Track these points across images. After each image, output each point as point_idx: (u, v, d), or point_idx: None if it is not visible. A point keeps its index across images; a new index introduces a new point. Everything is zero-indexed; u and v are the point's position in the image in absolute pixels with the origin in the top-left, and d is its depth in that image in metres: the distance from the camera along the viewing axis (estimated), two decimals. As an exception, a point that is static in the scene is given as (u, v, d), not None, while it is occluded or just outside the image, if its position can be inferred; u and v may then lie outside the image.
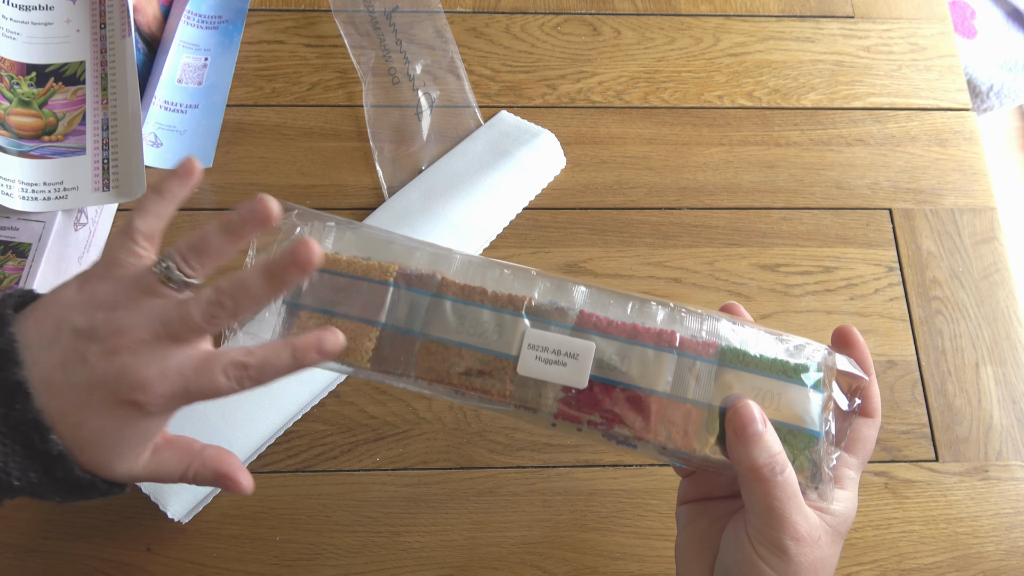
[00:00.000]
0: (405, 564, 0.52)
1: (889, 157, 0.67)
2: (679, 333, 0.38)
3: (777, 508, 0.36)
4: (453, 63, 0.69)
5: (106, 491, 0.37)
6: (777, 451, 0.36)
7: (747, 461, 0.36)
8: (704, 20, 0.73)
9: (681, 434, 0.37)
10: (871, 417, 0.40)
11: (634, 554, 0.53)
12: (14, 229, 0.56)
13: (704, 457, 0.37)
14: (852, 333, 0.40)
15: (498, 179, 0.62)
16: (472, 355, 0.37)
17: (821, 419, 0.37)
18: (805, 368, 0.38)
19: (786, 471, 0.36)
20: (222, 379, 0.34)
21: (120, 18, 0.61)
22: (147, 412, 0.34)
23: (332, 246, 0.40)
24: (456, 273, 0.39)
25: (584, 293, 0.39)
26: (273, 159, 0.65)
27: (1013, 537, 0.54)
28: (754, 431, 0.36)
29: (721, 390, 0.37)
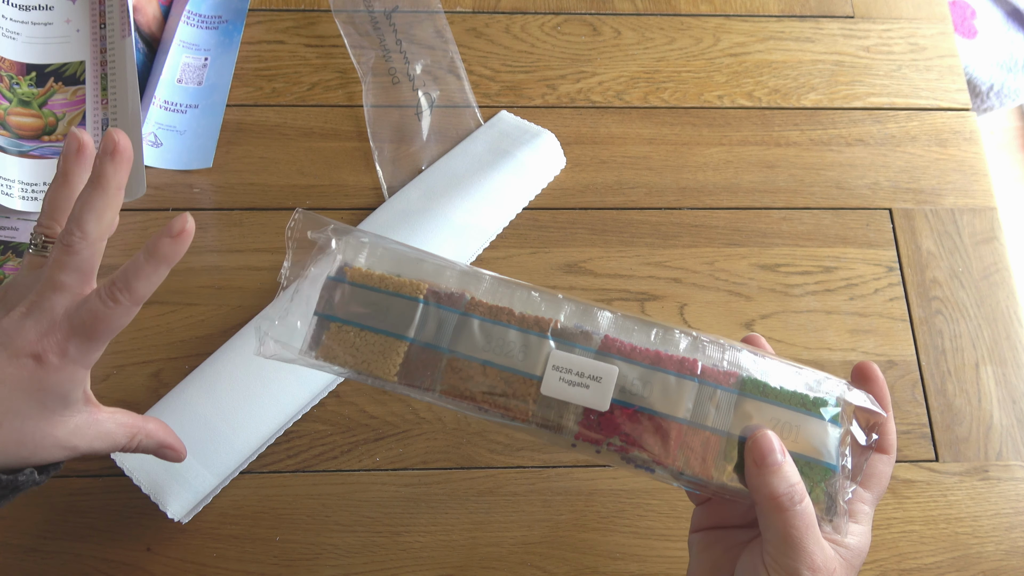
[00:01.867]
0: (405, 564, 0.52)
1: (889, 157, 0.67)
2: (701, 362, 0.38)
3: (794, 537, 0.36)
4: (453, 63, 0.69)
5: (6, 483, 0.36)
6: (796, 481, 0.37)
7: (766, 490, 0.36)
8: (704, 20, 0.73)
9: (699, 461, 0.37)
10: (887, 453, 0.41)
11: (634, 554, 0.53)
12: (14, 229, 0.56)
13: (721, 484, 0.38)
14: (872, 369, 0.41)
15: (498, 179, 0.62)
16: (497, 374, 0.38)
17: (838, 453, 0.38)
18: (824, 402, 0.38)
19: (804, 501, 0.36)
20: (96, 303, 0.35)
21: (120, 18, 0.61)
22: (48, 364, 0.35)
23: (365, 261, 0.41)
24: (485, 293, 0.40)
25: (609, 318, 0.39)
26: (273, 159, 0.65)
27: (1013, 537, 0.54)
28: (774, 461, 0.36)
29: (741, 419, 0.38)
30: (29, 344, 0.35)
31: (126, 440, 0.40)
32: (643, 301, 0.60)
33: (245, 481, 0.53)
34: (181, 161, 0.64)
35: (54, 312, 0.35)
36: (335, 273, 0.40)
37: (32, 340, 0.35)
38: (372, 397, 0.56)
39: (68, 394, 0.36)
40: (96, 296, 0.36)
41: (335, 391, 0.56)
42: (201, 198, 0.63)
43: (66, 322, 0.35)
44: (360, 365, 0.39)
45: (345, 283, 0.40)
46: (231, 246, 0.61)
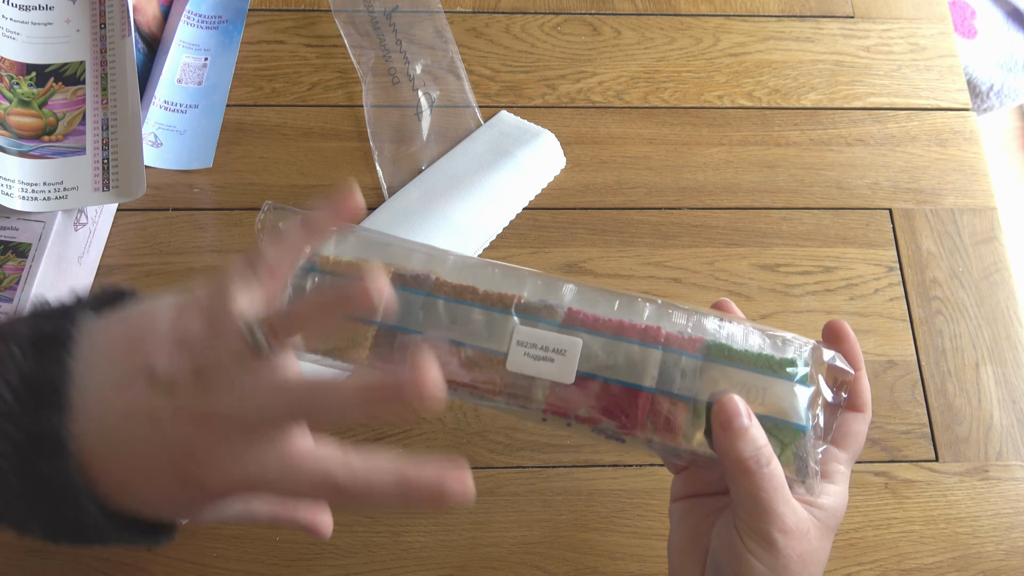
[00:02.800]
0: (405, 564, 0.52)
1: (889, 157, 0.67)
2: (665, 329, 0.38)
3: (764, 500, 0.36)
4: (453, 63, 0.69)
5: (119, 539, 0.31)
6: (762, 444, 0.36)
7: (733, 454, 0.36)
8: (704, 20, 0.72)
9: (667, 428, 0.37)
10: (861, 412, 0.41)
11: (634, 554, 0.53)
12: (14, 229, 0.56)
13: (691, 451, 0.38)
14: (842, 327, 0.41)
15: (498, 179, 0.62)
16: (464, 351, 0.38)
17: (808, 413, 0.38)
18: (791, 362, 0.38)
19: (772, 464, 0.36)
20: (306, 490, 0.29)
21: (120, 18, 0.61)
22: (207, 494, 0.30)
23: (334, 249, 0.41)
24: (449, 273, 0.40)
25: (573, 291, 0.39)
26: (273, 159, 0.65)
27: (1013, 537, 0.54)
28: (739, 425, 0.36)
29: (707, 385, 0.38)
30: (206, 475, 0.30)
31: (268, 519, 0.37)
32: (643, 301, 0.60)
33: (245, 481, 0.53)
34: (181, 161, 0.64)
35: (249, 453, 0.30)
36: (305, 263, 0.40)
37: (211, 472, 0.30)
38: (372, 397, 0.56)
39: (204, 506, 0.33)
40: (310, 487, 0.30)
41: (335, 391, 0.56)
42: (201, 198, 0.63)
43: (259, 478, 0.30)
44: (331, 352, 0.39)
45: (315, 271, 0.40)
46: (231, 246, 0.61)
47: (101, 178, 0.58)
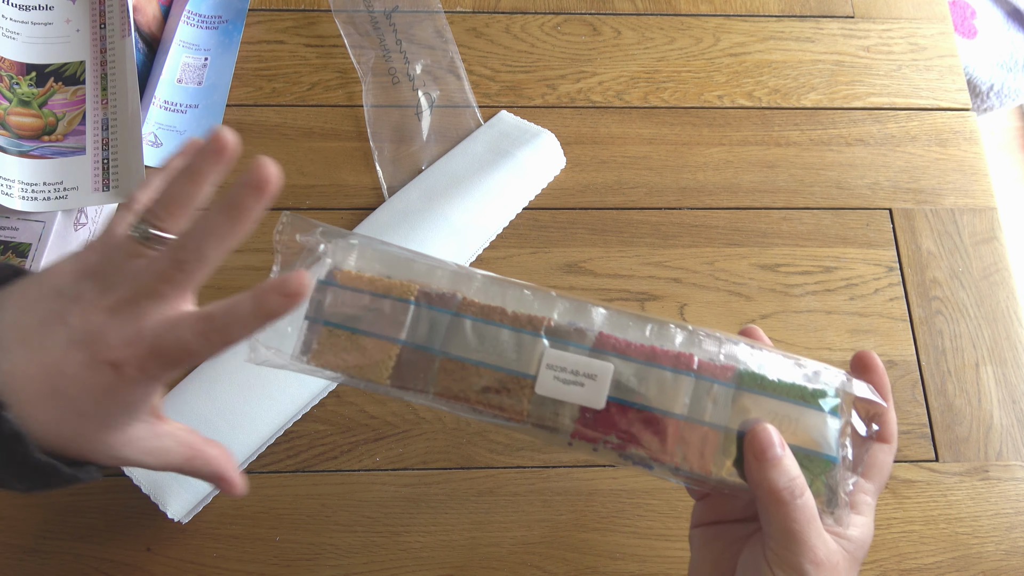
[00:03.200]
0: (405, 564, 0.52)
1: (889, 157, 0.67)
2: (697, 356, 0.38)
3: (796, 531, 0.36)
4: (453, 63, 0.69)
5: (69, 477, 0.35)
6: (796, 475, 0.36)
7: (766, 484, 0.36)
8: (704, 20, 0.73)
9: (697, 456, 0.37)
10: (887, 443, 0.41)
11: (634, 554, 0.53)
12: (14, 229, 0.56)
13: (720, 480, 0.37)
14: (872, 358, 0.41)
15: (498, 179, 0.62)
16: (491, 374, 0.38)
17: (838, 444, 0.38)
18: (823, 393, 0.38)
19: (805, 495, 0.36)
20: (188, 334, 0.33)
21: (120, 18, 0.61)
22: (125, 377, 0.33)
23: (355, 263, 0.40)
24: (476, 292, 0.39)
25: (603, 315, 0.39)
26: (273, 159, 0.65)
27: (1013, 537, 0.54)
28: (773, 455, 0.36)
29: (739, 413, 0.37)
30: (111, 350, 0.33)
31: (181, 460, 0.37)
32: (643, 301, 0.60)
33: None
34: (181, 161, 0.64)
35: (143, 321, 0.33)
36: (324, 276, 0.39)
37: (115, 346, 0.33)
38: (372, 397, 0.56)
39: (137, 407, 0.35)
40: (189, 328, 0.33)
41: (335, 391, 0.56)
42: (201, 198, 0.63)
43: (153, 339, 0.33)
44: (352, 369, 0.38)
45: (335, 286, 0.39)
46: (231, 246, 0.61)
47: (101, 178, 0.58)
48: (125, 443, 0.35)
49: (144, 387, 0.34)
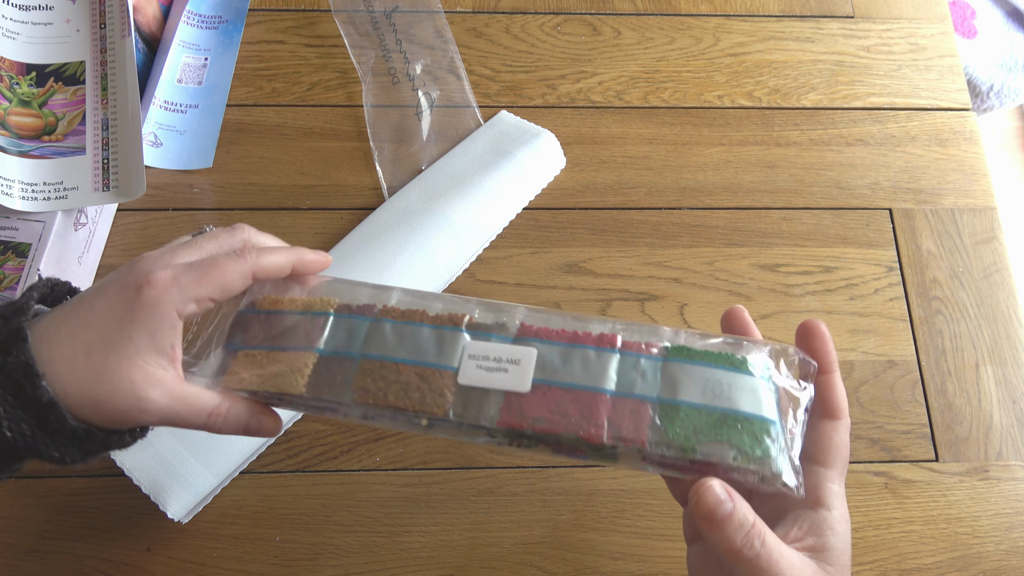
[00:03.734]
0: (405, 564, 0.52)
1: (889, 157, 0.67)
2: (621, 336, 0.37)
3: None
4: (453, 63, 0.69)
5: (103, 440, 0.35)
6: (751, 521, 0.34)
7: (724, 545, 0.34)
8: (704, 20, 0.73)
9: (632, 431, 0.35)
10: (837, 419, 0.39)
11: (634, 554, 0.53)
12: (14, 229, 0.56)
13: (660, 456, 0.36)
14: (816, 324, 0.39)
15: (498, 179, 0.62)
16: (411, 370, 0.37)
17: (777, 407, 0.36)
18: (750, 361, 0.36)
19: (766, 540, 0.34)
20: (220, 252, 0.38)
21: (120, 18, 0.61)
22: (151, 287, 0.35)
23: (270, 290, 0.41)
24: (398, 302, 0.39)
25: (524, 311, 0.39)
26: (273, 159, 0.65)
27: (1013, 537, 0.54)
28: (723, 513, 0.34)
29: (668, 384, 0.36)
30: (140, 276, 0.35)
31: (212, 406, 0.37)
32: (643, 301, 0.60)
33: (245, 481, 0.53)
34: (181, 161, 0.64)
35: (179, 258, 0.37)
36: (244, 307, 0.40)
37: (144, 272, 0.35)
38: (372, 397, 0.56)
39: (156, 331, 0.35)
40: (220, 247, 0.38)
41: (335, 391, 0.56)
42: (201, 198, 0.63)
43: (184, 263, 0.36)
44: (265, 384, 0.37)
45: (255, 313, 0.39)
46: (231, 246, 0.61)
47: (101, 178, 0.58)
48: (151, 382, 0.35)
49: (167, 301, 0.35)
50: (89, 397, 0.34)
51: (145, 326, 0.35)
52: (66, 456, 0.35)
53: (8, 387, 0.33)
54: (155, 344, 0.35)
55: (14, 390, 0.33)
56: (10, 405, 0.33)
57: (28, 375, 0.33)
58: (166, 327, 0.35)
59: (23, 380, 0.33)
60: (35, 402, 0.33)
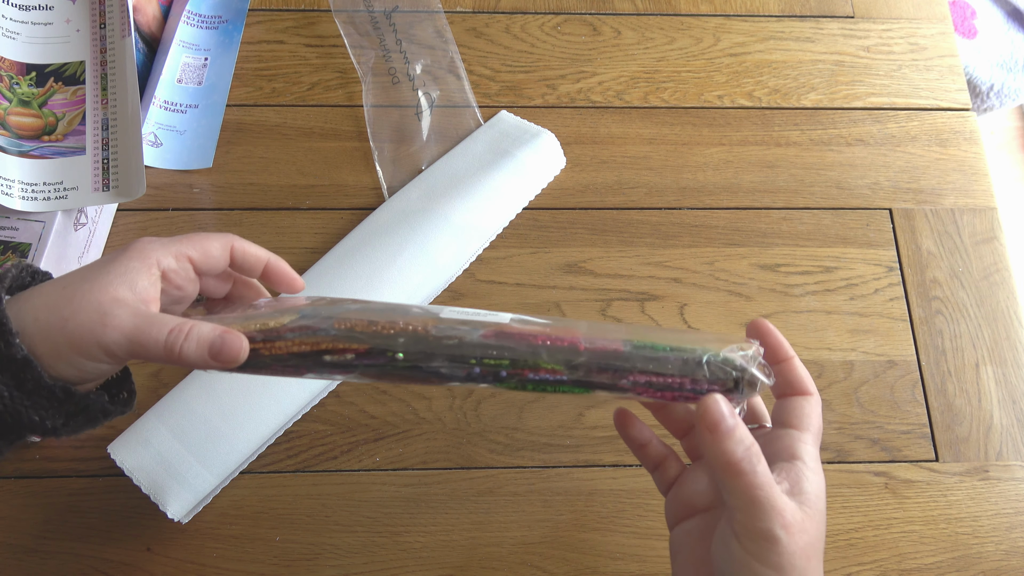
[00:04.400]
0: (405, 564, 0.52)
1: (889, 157, 0.67)
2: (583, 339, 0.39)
3: (762, 498, 0.35)
4: (453, 63, 0.69)
5: (84, 402, 0.36)
6: (751, 442, 0.36)
7: (724, 456, 0.36)
8: (704, 20, 0.73)
9: (605, 344, 0.38)
10: (807, 394, 0.41)
11: (634, 554, 0.53)
12: (14, 229, 0.56)
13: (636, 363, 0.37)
14: (762, 323, 0.42)
15: (498, 179, 0.62)
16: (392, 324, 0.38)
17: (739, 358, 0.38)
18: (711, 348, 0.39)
19: (763, 462, 0.36)
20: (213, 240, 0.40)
21: (120, 18, 0.61)
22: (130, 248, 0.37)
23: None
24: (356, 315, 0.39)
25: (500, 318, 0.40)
26: (273, 159, 0.65)
27: (1013, 537, 0.54)
28: (726, 427, 0.36)
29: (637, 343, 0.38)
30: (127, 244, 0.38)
31: (174, 323, 0.36)
32: (643, 301, 0.60)
33: (245, 481, 0.53)
34: (181, 161, 0.64)
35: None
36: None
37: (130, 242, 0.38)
38: (372, 397, 0.56)
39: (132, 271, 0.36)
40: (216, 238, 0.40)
41: (335, 391, 0.56)
42: (201, 198, 0.63)
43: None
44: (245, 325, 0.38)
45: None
46: (231, 246, 0.61)
47: (101, 178, 0.58)
48: (117, 303, 0.36)
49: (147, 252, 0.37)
50: (57, 317, 0.35)
51: (122, 265, 0.36)
52: (47, 419, 0.35)
53: None
54: (128, 280, 0.36)
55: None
56: None
57: (2, 333, 0.33)
58: (143, 269, 0.37)
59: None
60: (10, 360, 0.33)
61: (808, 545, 0.36)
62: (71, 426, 0.36)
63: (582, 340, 0.38)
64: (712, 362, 0.38)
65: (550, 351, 0.37)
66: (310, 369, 0.38)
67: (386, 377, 0.38)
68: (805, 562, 0.36)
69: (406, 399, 0.56)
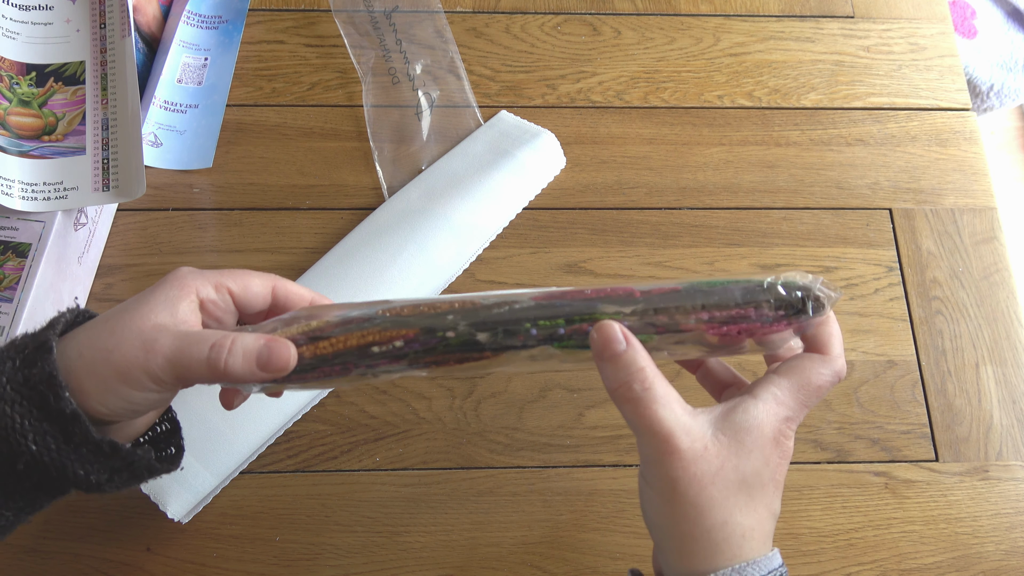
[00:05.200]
0: (405, 564, 0.52)
1: (889, 157, 0.67)
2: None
3: (646, 424, 0.34)
4: (453, 63, 0.69)
5: (130, 457, 0.35)
6: (640, 366, 0.35)
7: (609, 383, 0.35)
8: (704, 20, 0.72)
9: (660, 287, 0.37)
10: (825, 353, 0.38)
11: (634, 554, 0.53)
12: (14, 229, 0.56)
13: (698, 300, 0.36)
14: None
15: (498, 179, 0.62)
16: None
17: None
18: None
19: (652, 386, 0.35)
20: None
21: (120, 18, 0.61)
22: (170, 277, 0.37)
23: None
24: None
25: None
26: (273, 159, 0.65)
27: (1013, 537, 0.54)
28: (613, 351, 0.35)
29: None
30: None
31: (215, 338, 0.35)
32: (643, 301, 0.60)
33: (245, 481, 0.53)
34: (181, 161, 0.64)
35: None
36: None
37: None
38: (372, 397, 0.56)
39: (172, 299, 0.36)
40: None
41: (335, 391, 0.56)
42: (201, 198, 0.63)
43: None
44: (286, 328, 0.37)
45: None
46: (231, 246, 0.61)
47: (101, 178, 0.58)
48: (158, 329, 0.35)
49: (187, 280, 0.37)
50: (101, 350, 0.34)
51: (162, 293, 0.36)
52: (91, 474, 0.34)
53: (34, 400, 0.33)
54: (169, 307, 0.36)
55: (39, 402, 0.33)
56: (35, 418, 0.33)
57: (52, 386, 0.33)
58: (183, 296, 0.36)
59: (47, 392, 0.33)
60: (59, 414, 0.33)
61: (706, 474, 0.34)
62: (115, 481, 0.36)
63: (636, 288, 0.37)
64: (774, 285, 0.36)
65: (605, 301, 0.36)
66: (357, 364, 0.37)
67: (439, 360, 0.37)
68: (698, 490, 0.34)
69: (406, 399, 0.56)
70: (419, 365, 0.37)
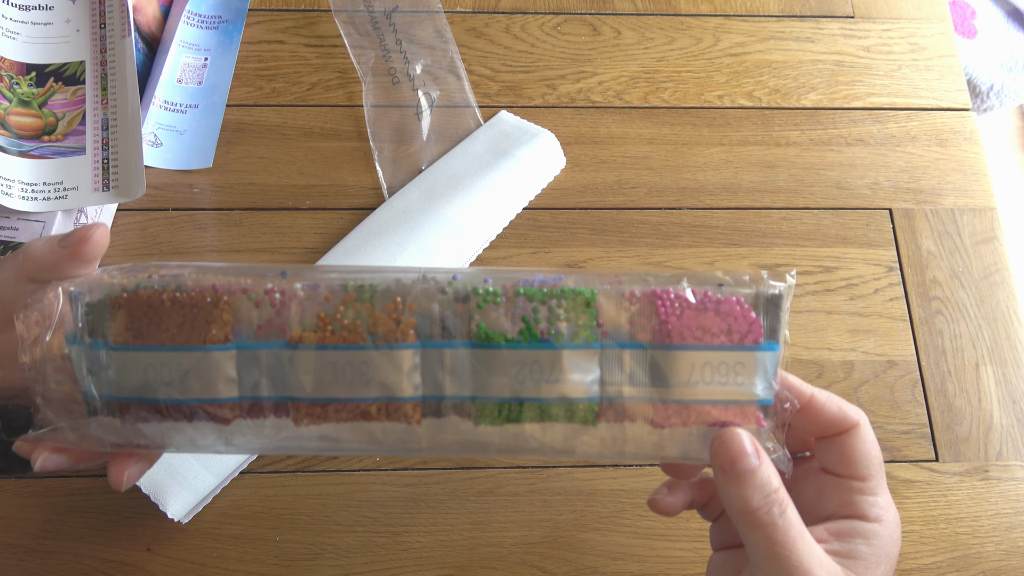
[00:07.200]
0: (405, 564, 0.52)
1: (889, 157, 0.67)
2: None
3: (782, 556, 0.30)
4: (453, 63, 0.69)
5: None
6: (775, 486, 0.31)
7: (739, 504, 0.30)
8: (704, 20, 0.73)
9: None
10: (849, 427, 0.35)
11: (634, 554, 0.53)
12: (14, 229, 0.56)
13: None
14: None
15: (498, 179, 0.62)
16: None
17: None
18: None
19: (787, 511, 0.31)
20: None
21: (120, 18, 0.61)
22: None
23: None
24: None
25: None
26: (273, 159, 0.65)
27: (1013, 537, 0.54)
28: (745, 467, 0.30)
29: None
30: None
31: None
32: (643, 301, 0.60)
33: (245, 481, 0.53)
34: (181, 161, 0.64)
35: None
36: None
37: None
38: (372, 397, 0.56)
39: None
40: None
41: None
42: (201, 198, 0.63)
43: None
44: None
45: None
46: (231, 246, 0.61)
47: (101, 178, 0.58)
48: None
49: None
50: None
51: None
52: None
53: None
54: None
55: None
56: None
57: None
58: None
59: None
60: None
61: None
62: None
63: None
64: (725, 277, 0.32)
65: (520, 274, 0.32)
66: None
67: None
68: None
69: (406, 399, 0.56)
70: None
